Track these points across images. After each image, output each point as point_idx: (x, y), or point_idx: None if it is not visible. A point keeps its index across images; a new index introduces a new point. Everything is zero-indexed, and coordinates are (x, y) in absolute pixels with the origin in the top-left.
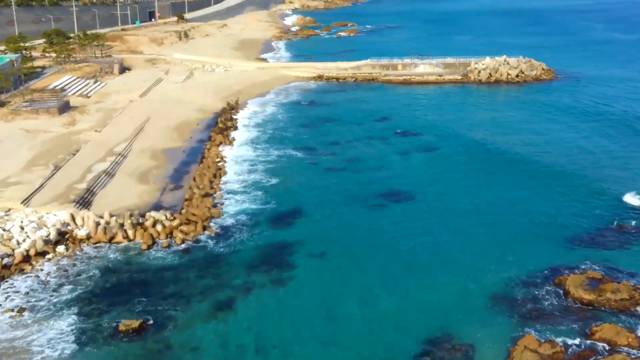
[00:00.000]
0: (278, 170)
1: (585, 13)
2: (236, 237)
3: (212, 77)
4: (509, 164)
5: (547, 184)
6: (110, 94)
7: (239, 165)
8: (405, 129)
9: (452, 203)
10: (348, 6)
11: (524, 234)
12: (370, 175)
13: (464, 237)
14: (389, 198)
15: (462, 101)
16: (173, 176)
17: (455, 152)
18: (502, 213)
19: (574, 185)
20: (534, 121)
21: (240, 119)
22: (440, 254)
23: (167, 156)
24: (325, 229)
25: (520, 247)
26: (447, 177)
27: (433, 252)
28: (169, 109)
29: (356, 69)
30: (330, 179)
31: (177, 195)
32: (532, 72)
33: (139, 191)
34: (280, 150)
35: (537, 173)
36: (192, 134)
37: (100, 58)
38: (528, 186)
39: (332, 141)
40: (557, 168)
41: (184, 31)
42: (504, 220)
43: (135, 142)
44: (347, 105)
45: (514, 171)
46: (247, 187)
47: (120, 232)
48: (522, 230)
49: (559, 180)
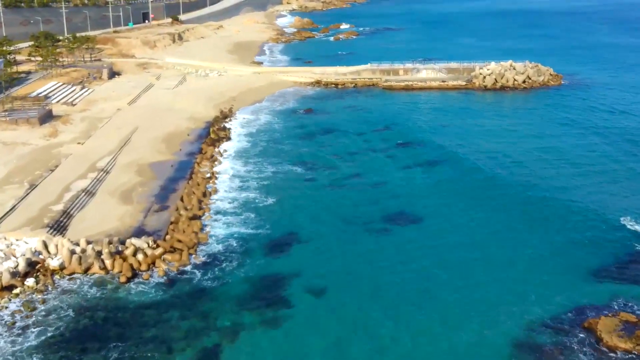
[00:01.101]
0: (273, 187)
1: (589, 14)
2: (225, 267)
3: (205, 82)
4: (522, 185)
5: (565, 207)
6: (97, 102)
7: (230, 181)
8: (408, 140)
9: (462, 229)
10: (346, 7)
11: (543, 267)
12: (372, 194)
13: (476, 271)
14: (392, 221)
15: (467, 109)
16: (159, 195)
17: (462, 169)
18: (515, 242)
19: (593, 209)
20: (545, 134)
21: (234, 129)
22: (451, 292)
23: (153, 171)
24: (324, 258)
25: (540, 282)
26: (455, 199)
27: (443, 289)
28: (159, 117)
29: (356, 74)
30: (329, 198)
31: (162, 217)
32: (540, 78)
33: (120, 213)
34: (276, 164)
35: (553, 195)
36: (182, 145)
37: (89, 62)
38: (544, 210)
39: (331, 153)
40: (574, 190)
41: (178, 33)
42: (519, 251)
43: (121, 155)
44: (347, 114)
45: (526, 194)
46: (239, 207)
47: (97, 262)
48: (540, 262)
49: (578, 203)
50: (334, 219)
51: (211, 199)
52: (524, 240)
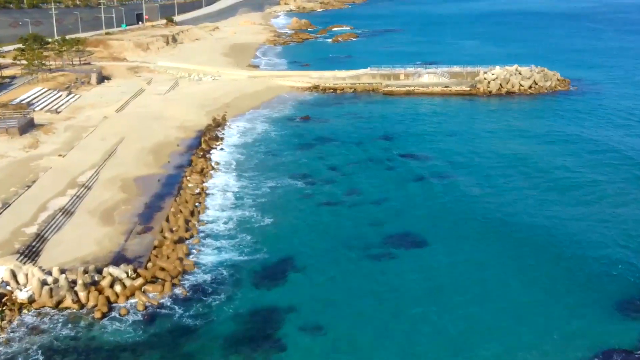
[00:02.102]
0: (267, 205)
1: (592, 16)
2: (212, 302)
3: (198, 87)
4: (533, 211)
5: (581, 234)
6: (83, 109)
7: (222, 197)
8: (411, 151)
9: (469, 258)
10: (345, 8)
11: (563, 302)
12: (374, 212)
13: (492, 305)
14: (396, 244)
15: (472, 117)
16: (143, 214)
17: (469, 186)
18: (531, 275)
19: (612, 238)
20: (559, 150)
21: (227, 138)
22: (466, 331)
23: (138, 187)
24: (323, 289)
25: (561, 320)
26: (463, 219)
27: (456, 327)
28: (147, 126)
29: (355, 79)
30: (327, 217)
31: (144, 240)
32: (547, 83)
33: (100, 235)
34: (271, 178)
35: (568, 222)
36: (171, 157)
37: (77, 66)
38: (559, 240)
39: (329, 166)
40: (593, 216)
41: (172, 35)
42: (535, 286)
43: (104, 169)
44: (346, 122)
45: (540, 222)
46: (230, 228)
47: (69, 294)
48: (560, 297)
49: (595, 231)
50: (333, 243)
51: (200, 218)
52: (539, 272)
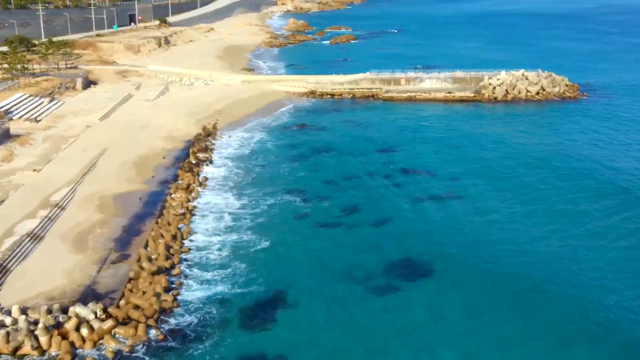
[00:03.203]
0: (260, 228)
1: (596, 17)
2: (193, 349)
3: (189, 92)
4: (551, 241)
5: (601, 272)
6: (65, 117)
7: (209, 219)
8: (414, 165)
9: (485, 287)
10: (343, 8)
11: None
12: (374, 236)
13: (510, 351)
14: (399, 275)
15: (478, 126)
16: (120, 239)
17: (478, 207)
18: (546, 302)
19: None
20: (576, 165)
21: (217, 150)
22: None
23: (117, 206)
24: (321, 332)
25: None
26: (469, 246)
27: None
28: (133, 136)
29: (353, 84)
30: (325, 241)
31: (119, 271)
32: (555, 89)
33: (70, 265)
34: (264, 196)
35: (587, 258)
36: (156, 171)
37: (63, 70)
38: (580, 284)
39: (327, 180)
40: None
41: (164, 37)
42: (554, 315)
43: (82, 185)
44: (344, 130)
45: (555, 259)
46: (217, 256)
47: (29, 340)
48: (575, 329)
49: (615, 271)
50: (332, 272)
51: (184, 244)
52: (553, 300)
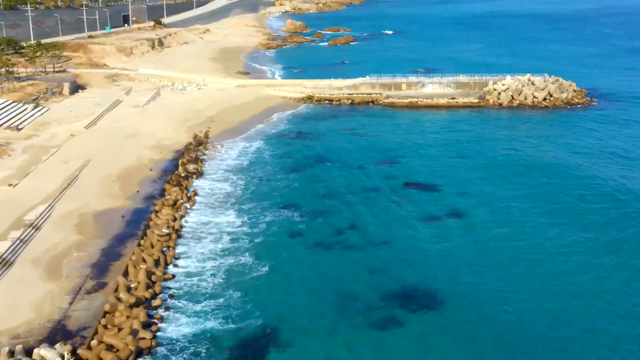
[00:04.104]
0: (253, 250)
1: (599, 18)
2: None
3: (181, 98)
4: (564, 256)
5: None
6: (49, 125)
7: (197, 239)
8: (416, 179)
9: (496, 331)
10: (342, 9)
11: None
12: (377, 259)
13: None
14: (404, 304)
15: (483, 135)
16: (98, 264)
17: (487, 224)
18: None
19: None
20: (592, 173)
21: (208, 161)
22: None
23: (98, 225)
24: None
25: None
26: (479, 270)
27: None
28: (119, 145)
29: (353, 89)
30: (324, 266)
31: (94, 303)
32: (563, 95)
33: (40, 295)
34: (257, 213)
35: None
36: (141, 185)
37: (51, 74)
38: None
39: (324, 194)
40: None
41: (158, 39)
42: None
43: (61, 202)
44: (343, 139)
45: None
46: (205, 284)
47: None
48: None
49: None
50: (332, 302)
51: (168, 269)
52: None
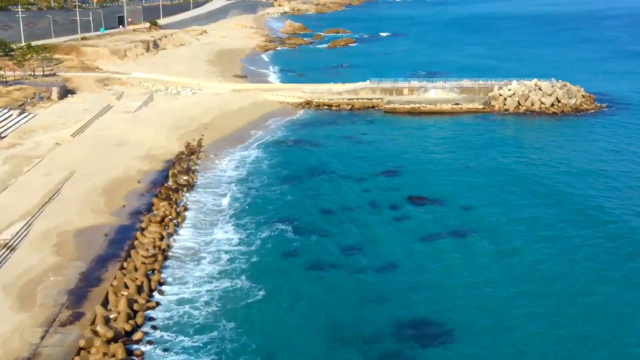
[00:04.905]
0: (248, 273)
1: (603, 19)
2: None
3: (174, 103)
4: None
5: None
6: (34, 132)
7: (185, 261)
8: (421, 192)
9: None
10: (341, 10)
11: None
12: (380, 284)
13: None
14: (411, 338)
15: (490, 143)
16: (76, 290)
17: (498, 247)
18: None
19: None
20: (608, 201)
21: (201, 171)
22: None
23: (78, 245)
24: None
25: None
26: (492, 300)
27: None
28: (106, 155)
29: (352, 94)
30: (326, 292)
31: (68, 337)
32: (571, 101)
33: (9, 328)
34: (249, 229)
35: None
36: (128, 199)
37: (40, 77)
38: None
39: (322, 209)
40: None
41: (153, 40)
42: None
43: (39, 219)
44: (342, 147)
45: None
46: (192, 314)
47: None
48: None
49: None
50: (333, 335)
51: (153, 296)
52: None
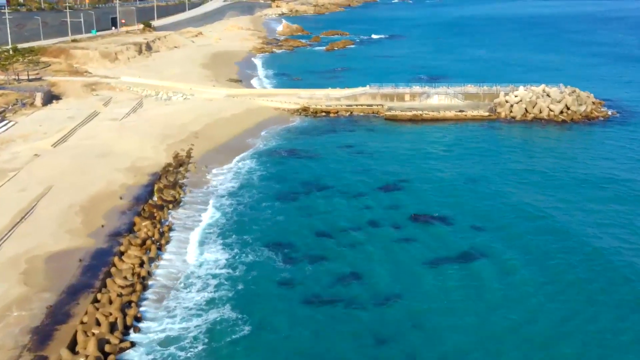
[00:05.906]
0: (236, 305)
1: (606, 21)
2: None
3: (165, 109)
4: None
5: None
6: (12, 142)
7: (167, 290)
8: (425, 209)
9: None
10: (340, 11)
11: None
12: (382, 321)
13: None
14: None
15: (496, 154)
16: (41, 329)
17: (509, 272)
18: None
19: None
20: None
21: (189, 186)
22: None
23: (49, 273)
24: None
25: None
26: (506, 338)
27: None
28: (88, 167)
29: (352, 100)
30: (314, 325)
31: None
32: (581, 108)
33: None
34: (239, 253)
35: None
36: (108, 217)
37: (25, 82)
38: None
39: (318, 230)
40: None
41: (146, 43)
42: None
43: (8, 242)
44: (340, 159)
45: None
46: (172, 356)
47: None
48: None
49: None
50: None
51: (129, 334)
52: None
